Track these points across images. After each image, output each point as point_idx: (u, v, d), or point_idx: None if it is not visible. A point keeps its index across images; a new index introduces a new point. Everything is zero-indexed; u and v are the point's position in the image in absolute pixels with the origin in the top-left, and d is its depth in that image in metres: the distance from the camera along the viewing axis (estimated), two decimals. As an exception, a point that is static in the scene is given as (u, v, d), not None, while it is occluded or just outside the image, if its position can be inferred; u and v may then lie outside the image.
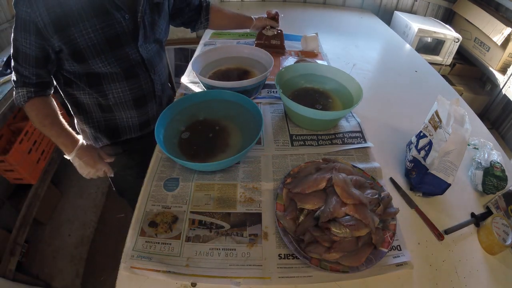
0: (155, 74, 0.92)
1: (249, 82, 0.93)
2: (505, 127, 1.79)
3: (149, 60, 0.88)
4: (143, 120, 0.98)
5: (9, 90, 1.29)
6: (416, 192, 0.77)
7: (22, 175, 1.39)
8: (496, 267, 0.64)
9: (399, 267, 0.60)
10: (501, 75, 1.74)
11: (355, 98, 0.93)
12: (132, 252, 0.61)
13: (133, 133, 0.99)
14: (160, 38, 0.91)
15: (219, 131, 0.86)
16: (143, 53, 0.85)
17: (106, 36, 0.75)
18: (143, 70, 0.88)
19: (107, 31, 0.75)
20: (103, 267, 1.52)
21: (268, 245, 0.63)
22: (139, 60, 0.85)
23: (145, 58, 0.86)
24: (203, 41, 1.46)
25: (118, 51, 0.79)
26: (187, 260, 0.60)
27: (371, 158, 0.84)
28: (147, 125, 1.00)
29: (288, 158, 0.83)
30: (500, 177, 0.77)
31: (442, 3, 2.09)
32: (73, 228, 1.70)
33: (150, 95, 0.94)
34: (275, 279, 0.58)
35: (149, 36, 0.85)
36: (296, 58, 1.32)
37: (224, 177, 0.77)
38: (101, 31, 0.74)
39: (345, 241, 0.58)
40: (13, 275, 1.23)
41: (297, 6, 2.01)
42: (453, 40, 1.80)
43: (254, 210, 0.70)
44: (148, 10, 0.83)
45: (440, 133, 0.70)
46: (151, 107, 0.97)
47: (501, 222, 0.66)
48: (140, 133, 1.00)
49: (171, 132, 0.84)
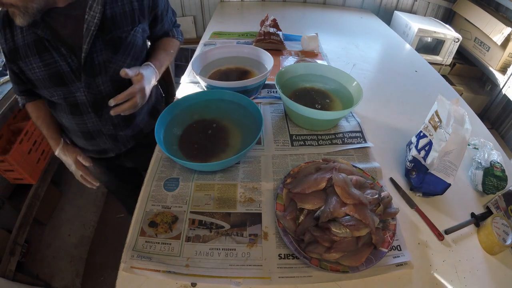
0: (102, 116, 0.83)
1: (249, 82, 0.93)
2: (505, 127, 1.79)
3: (97, 101, 0.80)
4: (99, 149, 0.95)
5: (9, 90, 1.29)
6: (416, 192, 0.77)
7: (22, 175, 1.39)
8: (496, 267, 0.63)
9: (399, 267, 0.61)
10: (501, 75, 1.74)
11: (355, 98, 0.93)
12: (132, 252, 0.61)
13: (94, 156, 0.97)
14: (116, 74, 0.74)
15: (219, 131, 0.86)
16: (89, 94, 0.78)
17: (49, 73, 0.74)
18: (88, 111, 0.81)
19: (50, 69, 0.73)
20: (103, 267, 1.52)
21: (268, 245, 0.63)
22: (84, 100, 0.79)
23: (90, 99, 0.79)
24: (203, 41, 1.46)
25: (63, 88, 0.76)
26: (187, 260, 0.60)
27: (371, 158, 0.84)
28: (104, 152, 0.96)
29: (288, 158, 0.83)
30: (500, 177, 0.77)
31: (442, 3, 2.09)
32: (73, 228, 1.70)
33: (97, 133, 0.87)
34: (275, 279, 0.58)
35: (99, 75, 0.76)
36: (296, 58, 1.32)
37: (224, 177, 0.77)
38: (44, 69, 0.73)
39: (345, 241, 0.58)
40: (13, 275, 1.23)
41: (297, 6, 2.01)
42: (453, 40, 1.80)
43: (254, 210, 0.70)
44: (103, 47, 0.74)
45: (440, 133, 0.70)
46: (103, 142, 0.91)
47: (501, 222, 0.66)
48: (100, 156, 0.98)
49: (171, 132, 0.84)
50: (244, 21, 1.70)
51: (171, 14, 0.97)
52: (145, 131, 1.00)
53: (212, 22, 1.69)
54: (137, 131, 0.97)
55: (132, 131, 0.94)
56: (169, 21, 0.95)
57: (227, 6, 1.96)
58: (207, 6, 2.07)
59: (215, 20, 1.73)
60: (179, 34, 1.02)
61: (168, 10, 0.94)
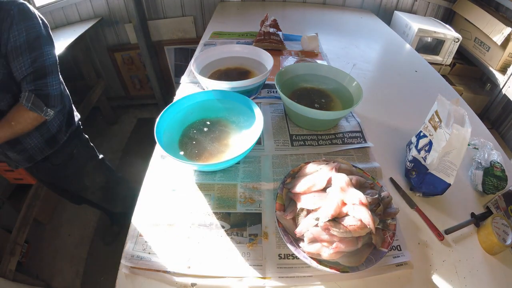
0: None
1: (249, 82, 0.93)
2: (505, 127, 1.79)
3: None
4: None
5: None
6: (416, 192, 0.77)
7: (22, 175, 1.39)
8: (496, 267, 0.63)
9: (399, 267, 0.61)
10: (501, 75, 1.74)
11: (355, 98, 0.93)
12: (132, 252, 0.61)
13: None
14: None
15: (219, 131, 0.86)
16: None
17: None
18: None
19: None
20: (103, 267, 1.52)
21: (268, 245, 0.63)
22: None
23: None
24: (203, 41, 1.46)
25: None
26: (187, 260, 0.60)
27: (371, 158, 0.84)
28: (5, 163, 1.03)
29: (288, 158, 0.83)
30: (500, 177, 0.77)
31: (442, 3, 2.09)
32: (73, 228, 1.70)
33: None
34: (275, 279, 0.58)
35: None
36: (296, 58, 1.32)
37: (224, 177, 0.77)
38: None
39: (345, 241, 0.58)
40: (13, 275, 1.23)
41: (297, 6, 2.01)
42: (453, 40, 1.80)
43: (254, 210, 0.70)
44: None
45: (440, 133, 0.70)
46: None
47: (501, 222, 0.66)
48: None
49: (171, 132, 0.84)
50: (244, 21, 1.70)
51: (24, 66, 0.79)
52: (36, 158, 1.00)
53: (212, 22, 1.69)
54: (26, 156, 0.97)
55: (19, 154, 0.95)
56: (18, 71, 0.79)
57: (227, 6, 1.96)
58: (207, 6, 2.07)
59: (215, 20, 1.73)
60: (35, 104, 0.82)
61: (18, 57, 0.77)
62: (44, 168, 1.07)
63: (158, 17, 2.14)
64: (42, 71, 0.82)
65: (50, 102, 0.85)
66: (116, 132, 2.41)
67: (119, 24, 2.14)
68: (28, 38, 0.77)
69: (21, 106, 0.81)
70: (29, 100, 0.80)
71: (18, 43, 0.75)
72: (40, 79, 0.82)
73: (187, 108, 0.89)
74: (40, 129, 0.93)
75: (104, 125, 2.45)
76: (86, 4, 1.99)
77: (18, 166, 1.02)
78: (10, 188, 1.57)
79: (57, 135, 1.01)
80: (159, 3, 2.07)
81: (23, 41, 0.76)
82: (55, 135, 1.00)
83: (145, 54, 2.17)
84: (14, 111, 0.81)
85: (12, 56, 0.76)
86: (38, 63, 0.80)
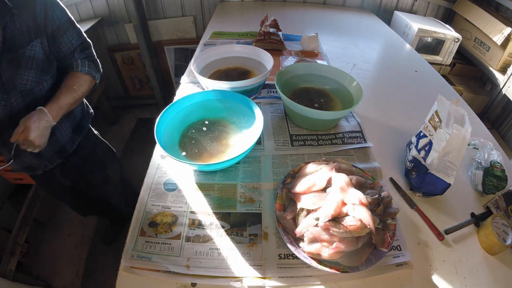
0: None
1: (249, 82, 0.93)
2: (505, 127, 1.79)
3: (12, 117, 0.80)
4: (25, 166, 0.98)
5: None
6: (416, 192, 0.77)
7: (22, 175, 1.39)
8: (496, 267, 0.63)
9: (399, 267, 0.61)
10: (501, 75, 1.74)
11: (355, 98, 0.93)
12: (132, 252, 0.61)
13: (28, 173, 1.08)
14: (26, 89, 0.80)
15: (219, 131, 0.86)
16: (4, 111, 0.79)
17: None
18: (6, 127, 0.82)
19: None
20: (103, 267, 1.52)
21: (268, 245, 0.63)
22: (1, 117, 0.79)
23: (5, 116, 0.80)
24: (203, 41, 1.46)
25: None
26: (187, 260, 0.60)
27: (371, 158, 0.84)
28: (32, 169, 1.01)
29: (288, 158, 0.83)
30: (500, 177, 0.77)
31: (442, 3, 2.09)
32: (73, 228, 1.70)
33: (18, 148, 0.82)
34: (275, 279, 0.58)
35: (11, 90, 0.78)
36: (296, 58, 1.32)
37: (224, 177, 0.77)
38: None
39: (345, 241, 0.58)
40: (13, 275, 1.23)
41: (297, 6, 2.01)
42: (453, 40, 1.80)
43: (254, 210, 0.70)
44: (6, 64, 0.76)
45: (440, 133, 0.70)
46: (27, 157, 0.94)
47: (501, 222, 0.66)
48: (31, 173, 1.06)
49: (171, 132, 0.84)
50: (244, 21, 1.70)
51: (73, 39, 0.88)
52: (69, 148, 1.01)
53: (212, 22, 1.69)
54: (59, 147, 0.97)
55: (52, 147, 0.95)
56: (68, 45, 0.87)
57: (227, 6, 1.96)
58: (207, 6, 2.07)
59: (215, 20, 1.73)
60: (91, 68, 0.91)
61: (66, 33, 0.85)
62: (72, 165, 1.07)
63: (158, 17, 2.14)
64: (87, 43, 0.93)
65: (98, 68, 0.96)
66: (116, 132, 2.41)
67: (119, 24, 2.14)
68: (68, 17, 0.86)
69: (77, 72, 0.89)
70: (84, 65, 0.90)
71: (63, 20, 0.84)
72: (88, 49, 0.93)
73: (187, 108, 0.89)
74: (68, 117, 0.97)
75: (104, 125, 2.45)
76: (86, 4, 1.99)
77: (48, 165, 0.99)
78: (10, 188, 1.57)
79: (82, 121, 1.06)
80: (159, 3, 2.07)
81: (66, 19, 0.85)
82: (80, 122, 1.04)
83: (145, 54, 2.17)
84: (71, 77, 0.87)
85: (60, 33, 0.84)
86: (83, 36, 0.92)
